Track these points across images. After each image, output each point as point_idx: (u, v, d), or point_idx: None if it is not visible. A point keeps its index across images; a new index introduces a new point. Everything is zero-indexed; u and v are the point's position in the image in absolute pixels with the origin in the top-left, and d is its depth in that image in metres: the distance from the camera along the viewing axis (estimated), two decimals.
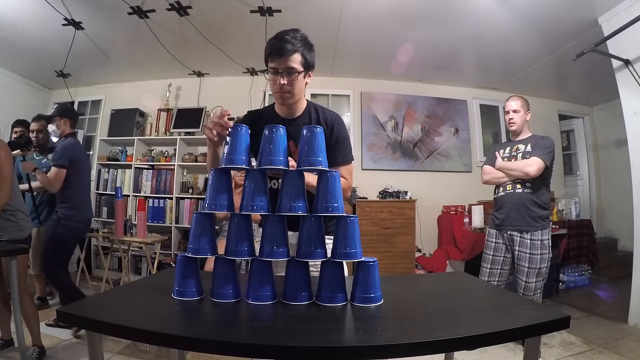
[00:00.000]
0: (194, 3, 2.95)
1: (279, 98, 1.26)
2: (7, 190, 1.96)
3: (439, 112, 4.64)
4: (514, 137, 2.39)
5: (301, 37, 1.22)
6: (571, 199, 4.39)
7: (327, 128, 1.29)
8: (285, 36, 1.19)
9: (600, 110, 5.22)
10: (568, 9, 2.85)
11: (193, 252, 1.01)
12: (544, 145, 2.22)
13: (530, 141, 2.29)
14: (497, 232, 2.35)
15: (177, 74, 4.36)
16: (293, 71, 1.20)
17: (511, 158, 2.32)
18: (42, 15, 3.04)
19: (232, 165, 1.01)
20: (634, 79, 2.68)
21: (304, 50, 1.21)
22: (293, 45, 1.18)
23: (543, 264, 2.20)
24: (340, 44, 3.60)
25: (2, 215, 1.98)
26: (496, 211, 2.38)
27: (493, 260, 2.36)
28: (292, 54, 1.18)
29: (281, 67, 1.19)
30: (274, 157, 1.00)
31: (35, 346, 2.09)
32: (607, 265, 4.25)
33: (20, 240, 2.02)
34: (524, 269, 2.22)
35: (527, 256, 2.20)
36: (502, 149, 2.41)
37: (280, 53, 1.18)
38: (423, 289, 1.22)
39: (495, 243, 2.36)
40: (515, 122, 2.33)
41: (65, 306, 0.90)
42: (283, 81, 1.20)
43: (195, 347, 0.76)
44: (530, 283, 2.21)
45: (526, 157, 2.23)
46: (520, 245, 2.24)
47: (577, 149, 5.38)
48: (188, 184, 4.18)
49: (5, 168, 1.97)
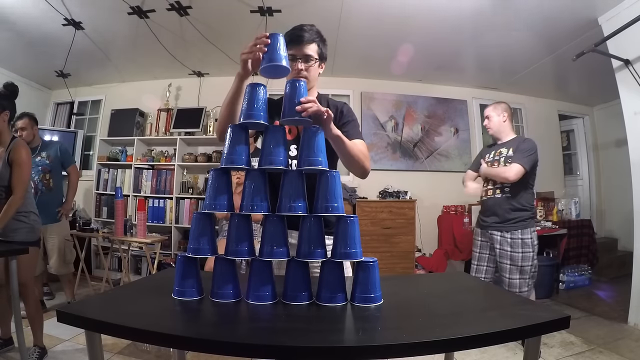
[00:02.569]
0: (194, 3, 2.95)
1: None
2: (23, 192, 1.95)
3: (439, 112, 4.64)
4: (498, 140, 2.48)
5: (317, 30, 1.32)
6: (571, 199, 4.40)
7: (337, 111, 1.37)
8: (303, 27, 1.29)
9: (600, 110, 5.22)
10: (568, 9, 2.85)
11: (193, 252, 1.01)
12: (524, 149, 2.29)
13: (512, 144, 2.36)
14: (481, 231, 2.48)
15: (177, 74, 4.37)
16: (310, 58, 1.29)
17: (494, 162, 2.40)
18: (42, 15, 3.04)
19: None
20: (634, 79, 2.68)
21: (320, 42, 1.32)
22: (310, 35, 1.28)
23: (526, 262, 2.25)
24: (340, 43, 3.60)
25: (15, 216, 1.95)
26: (481, 213, 2.51)
27: (480, 258, 2.48)
28: (310, 42, 1.28)
29: (299, 53, 1.27)
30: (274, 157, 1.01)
31: (36, 346, 2.08)
32: (607, 265, 4.25)
33: (31, 242, 2.00)
34: (506, 266, 2.30)
35: (507, 254, 2.29)
36: (488, 153, 2.50)
37: (299, 40, 1.27)
38: (423, 289, 1.22)
39: (481, 241, 2.48)
40: (490, 126, 2.45)
41: (66, 306, 0.90)
42: (301, 66, 1.28)
43: (195, 347, 0.76)
44: (513, 280, 2.28)
45: (508, 161, 2.31)
46: (500, 244, 2.33)
47: (577, 149, 5.38)
48: (188, 184, 4.18)
49: (25, 169, 1.97)
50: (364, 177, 1.33)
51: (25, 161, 1.97)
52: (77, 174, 3.03)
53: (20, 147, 1.99)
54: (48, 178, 2.80)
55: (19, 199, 1.93)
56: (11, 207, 1.91)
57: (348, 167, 1.28)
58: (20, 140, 2.06)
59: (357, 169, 1.28)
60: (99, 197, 4.33)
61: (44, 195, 2.76)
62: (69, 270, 3.00)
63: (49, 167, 2.80)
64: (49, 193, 2.79)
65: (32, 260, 2.06)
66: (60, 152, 2.90)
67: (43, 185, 2.76)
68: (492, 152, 2.45)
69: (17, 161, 1.95)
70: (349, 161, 1.23)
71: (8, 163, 1.96)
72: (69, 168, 2.96)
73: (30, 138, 2.74)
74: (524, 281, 2.27)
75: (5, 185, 1.96)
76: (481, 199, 2.51)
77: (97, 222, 3.89)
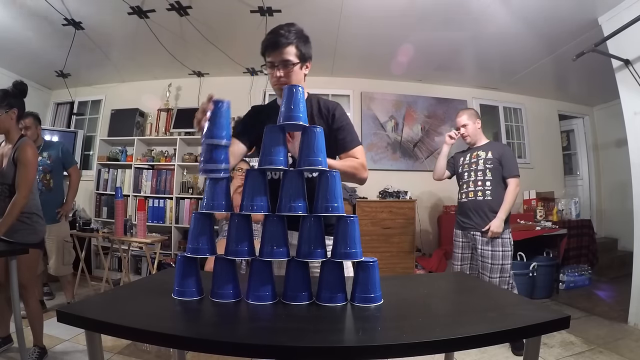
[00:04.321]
0: (194, 3, 2.95)
1: (277, 90, 1.29)
2: (27, 191, 1.91)
3: (439, 112, 4.64)
4: (472, 145, 2.59)
5: (295, 30, 1.25)
6: (571, 199, 4.40)
7: (329, 115, 1.32)
8: (279, 30, 1.23)
9: (600, 110, 5.22)
10: (568, 9, 2.85)
11: (192, 252, 1.01)
12: (509, 157, 2.42)
13: (489, 148, 2.48)
14: (462, 232, 2.55)
15: (177, 74, 4.37)
16: (288, 63, 1.24)
17: (472, 164, 2.51)
18: (42, 15, 3.04)
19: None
20: (634, 79, 2.68)
21: (299, 43, 1.25)
22: (287, 39, 1.22)
23: (505, 260, 2.36)
24: (340, 43, 3.60)
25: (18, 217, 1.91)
26: (460, 215, 2.59)
27: (462, 258, 2.57)
28: (286, 46, 1.22)
29: (277, 60, 1.23)
30: (274, 157, 1.01)
31: (36, 346, 2.08)
32: (607, 265, 4.24)
33: (32, 244, 1.97)
34: (488, 265, 2.39)
35: (489, 253, 2.38)
36: (463, 157, 2.62)
37: (275, 47, 1.22)
38: (423, 289, 1.22)
39: (461, 242, 2.56)
40: (468, 134, 2.55)
41: (66, 306, 0.90)
42: (279, 73, 1.24)
43: (195, 347, 0.76)
44: (494, 279, 2.36)
45: (487, 163, 2.43)
46: (482, 244, 2.41)
47: (577, 149, 5.38)
48: (188, 184, 4.18)
49: (30, 169, 1.93)
50: (362, 184, 1.35)
51: (30, 161, 1.93)
52: (79, 175, 3.03)
53: (27, 147, 1.96)
54: (48, 178, 2.80)
55: (22, 198, 1.89)
56: (15, 208, 1.87)
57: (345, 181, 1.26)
58: (27, 139, 2.03)
59: (355, 181, 1.31)
60: (99, 197, 4.33)
61: (43, 195, 2.71)
62: (67, 272, 3.00)
63: (49, 168, 2.80)
64: (49, 193, 2.79)
65: (34, 263, 2.03)
66: (62, 152, 2.90)
67: (43, 185, 2.76)
68: (468, 155, 2.57)
69: (22, 160, 1.91)
70: (345, 178, 1.22)
71: (13, 162, 1.93)
72: (70, 169, 2.96)
73: (34, 138, 2.75)
74: (504, 279, 2.36)
75: (9, 184, 1.94)
76: (459, 201, 2.60)
77: (97, 222, 3.89)
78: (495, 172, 2.41)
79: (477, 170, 2.47)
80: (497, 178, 2.41)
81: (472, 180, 2.49)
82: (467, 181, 2.52)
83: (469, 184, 2.51)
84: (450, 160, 2.72)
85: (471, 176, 2.50)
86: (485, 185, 2.42)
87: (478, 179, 2.46)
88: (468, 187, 2.51)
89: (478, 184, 2.45)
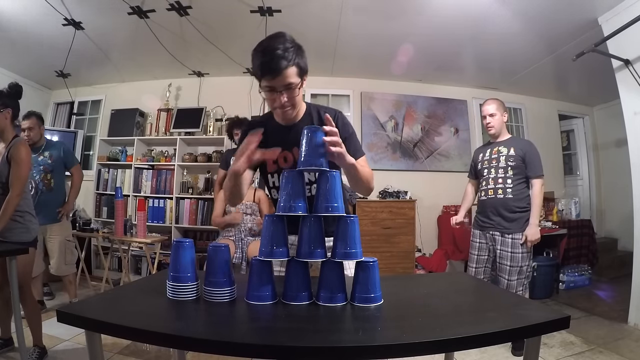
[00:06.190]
0: (194, 3, 2.95)
1: (280, 114, 1.21)
2: (19, 190, 1.94)
3: (439, 112, 4.64)
4: (494, 139, 2.45)
5: (291, 44, 1.09)
6: (571, 199, 4.40)
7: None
8: (275, 51, 1.05)
9: (600, 110, 5.21)
10: (568, 9, 2.85)
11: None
12: (534, 155, 2.28)
13: (511, 144, 2.34)
14: (480, 232, 2.45)
15: (177, 74, 4.36)
16: (292, 86, 1.11)
17: (492, 160, 2.38)
18: (42, 15, 3.04)
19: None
20: (634, 79, 2.68)
21: (298, 59, 1.10)
22: (287, 60, 1.06)
23: (524, 262, 2.28)
24: (340, 44, 3.60)
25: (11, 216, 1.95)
26: (479, 214, 2.47)
27: (478, 260, 2.45)
28: (288, 69, 1.07)
29: (279, 85, 1.10)
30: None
31: (36, 346, 2.08)
32: (607, 265, 4.25)
33: (26, 242, 2.00)
34: (506, 267, 2.30)
35: (509, 255, 2.29)
36: (482, 153, 2.48)
37: (275, 73, 1.07)
38: (423, 289, 1.22)
39: (479, 243, 2.45)
40: (493, 125, 2.38)
41: (66, 306, 0.90)
42: (284, 99, 1.12)
43: (195, 347, 0.76)
44: (512, 281, 2.29)
45: (509, 160, 2.30)
46: (502, 245, 2.32)
47: (577, 149, 5.38)
48: (188, 184, 4.17)
49: (23, 167, 1.96)
50: (369, 194, 1.30)
51: (24, 159, 1.97)
52: (81, 175, 3.01)
53: (20, 146, 1.99)
54: (49, 178, 2.79)
55: (15, 196, 1.92)
56: (9, 206, 1.91)
57: (354, 188, 1.23)
58: (21, 139, 2.07)
59: (363, 190, 1.23)
60: (99, 197, 4.33)
61: (43, 195, 2.75)
62: (70, 271, 2.99)
63: (50, 167, 2.80)
64: (49, 193, 2.78)
65: (29, 261, 2.06)
66: (63, 152, 2.89)
67: (43, 185, 2.76)
68: (489, 151, 2.42)
69: (15, 159, 1.95)
70: (357, 184, 1.18)
71: (7, 160, 1.96)
72: (73, 168, 2.95)
73: (37, 137, 2.76)
74: (521, 281, 2.30)
75: (3, 182, 1.97)
76: (479, 199, 2.48)
77: (97, 222, 3.88)
78: (517, 170, 2.28)
79: (497, 167, 2.34)
80: (519, 176, 2.29)
81: (492, 177, 2.36)
82: (487, 178, 2.39)
83: (489, 181, 2.37)
84: (471, 165, 2.61)
85: (491, 173, 2.37)
86: (507, 183, 2.30)
87: (499, 176, 2.33)
88: (488, 184, 2.38)
89: (498, 182, 2.32)
